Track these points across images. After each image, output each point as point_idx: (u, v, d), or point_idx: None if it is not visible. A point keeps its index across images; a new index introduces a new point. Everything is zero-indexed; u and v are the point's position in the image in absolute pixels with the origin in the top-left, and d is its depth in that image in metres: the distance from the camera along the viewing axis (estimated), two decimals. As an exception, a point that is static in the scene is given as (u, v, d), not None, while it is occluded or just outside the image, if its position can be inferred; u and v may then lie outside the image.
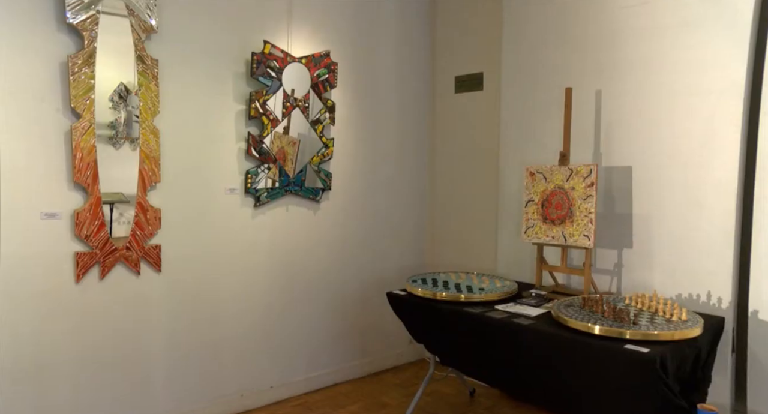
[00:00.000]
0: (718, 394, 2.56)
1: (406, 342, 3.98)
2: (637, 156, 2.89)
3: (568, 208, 2.86)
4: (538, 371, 2.46)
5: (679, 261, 2.74)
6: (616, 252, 2.98)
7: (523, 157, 3.38)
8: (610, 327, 2.24)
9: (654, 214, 2.83)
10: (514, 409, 3.25)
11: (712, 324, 2.43)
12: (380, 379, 3.75)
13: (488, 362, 2.69)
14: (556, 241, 2.89)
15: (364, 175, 3.76)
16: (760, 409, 2.49)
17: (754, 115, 2.53)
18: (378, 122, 3.83)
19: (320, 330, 3.56)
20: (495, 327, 2.52)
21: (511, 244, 3.48)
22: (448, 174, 4.09)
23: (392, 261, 3.96)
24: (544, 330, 2.38)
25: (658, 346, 2.13)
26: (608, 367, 2.18)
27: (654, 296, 2.55)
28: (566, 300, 2.66)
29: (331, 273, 3.60)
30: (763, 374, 2.48)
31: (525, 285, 3.16)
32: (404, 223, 4.03)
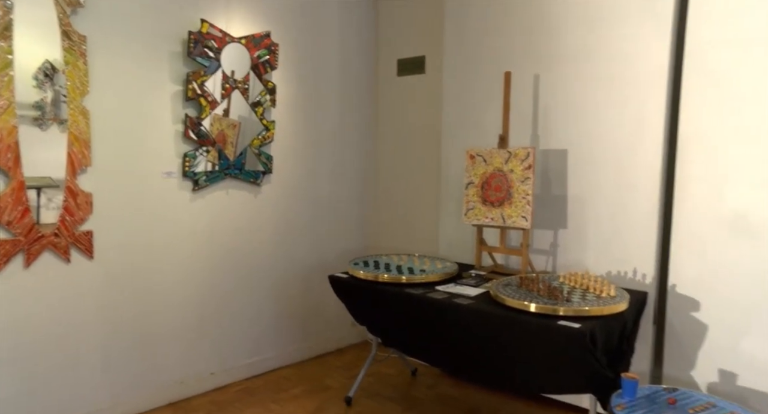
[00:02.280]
0: (640, 363, 2.72)
1: (349, 324, 4.01)
2: (573, 140, 3.00)
3: (506, 190, 2.94)
4: (477, 349, 2.54)
5: (609, 240, 2.87)
6: (552, 232, 3.09)
7: (465, 140, 3.44)
8: (545, 304, 2.33)
9: (587, 196, 2.95)
10: (455, 387, 3.35)
11: (637, 299, 2.58)
12: (323, 362, 3.77)
13: (429, 342, 2.75)
14: (495, 222, 2.98)
15: (306, 158, 3.73)
16: (674, 374, 2.67)
17: (675, 102, 2.67)
18: (320, 105, 3.79)
19: (262, 315, 3.53)
20: (435, 307, 2.58)
21: (452, 226, 3.55)
22: (390, 157, 4.11)
23: (335, 244, 3.96)
24: (482, 309, 2.46)
25: (589, 321, 2.24)
26: (543, 342, 2.28)
27: (586, 274, 2.67)
28: (504, 280, 2.74)
29: (272, 257, 3.57)
30: (678, 342, 2.65)
31: (465, 266, 3.23)
32: (347, 207, 4.03)
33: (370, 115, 4.16)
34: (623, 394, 2.20)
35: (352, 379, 3.21)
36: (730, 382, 2.51)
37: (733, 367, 2.51)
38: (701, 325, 2.59)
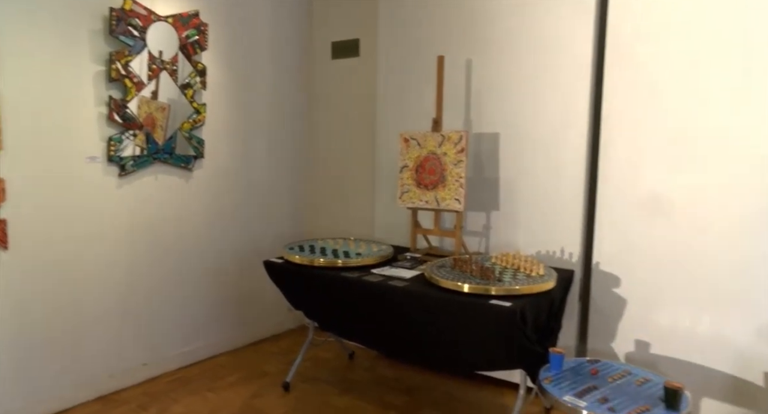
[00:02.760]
0: (567, 338, 2.86)
1: (285, 310, 3.96)
2: (504, 123, 3.07)
3: (440, 173, 2.98)
4: (413, 330, 2.59)
5: (538, 221, 2.98)
6: (484, 214, 3.18)
7: (399, 124, 3.46)
8: (478, 285, 2.40)
9: (518, 179, 3.04)
10: (392, 368, 3.41)
11: (564, 277, 2.70)
12: (260, 348, 3.73)
13: (366, 325, 2.78)
14: (430, 205, 3.02)
15: (239, 142, 3.65)
16: (597, 346, 2.82)
17: (598, 90, 2.79)
18: (253, 87, 3.71)
19: (195, 303, 3.45)
20: (371, 290, 2.60)
21: (387, 209, 3.58)
22: (325, 140, 4.08)
23: (269, 229, 3.91)
24: (417, 291, 2.50)
25: (519, 299, 2.33)
26: (476, 321, 2.35)
27: (517, 254, 2.76)
28: (439, 261, 2.80)
29: (205, 243, 3.49)
30: (601, 318, 2.80)
31: (401, 249, 3.28)
32: (281, 191, 3.98)
33: (305, 98, 4.10)
34: (550, 367, 2.30)
35: (290, 365, 3.20)
36: (645, 351, 2.69)
37: (647, 337, 2.68)
38: (621, 299, 2.74)
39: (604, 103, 2.75)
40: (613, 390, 2.12)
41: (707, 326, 2.52)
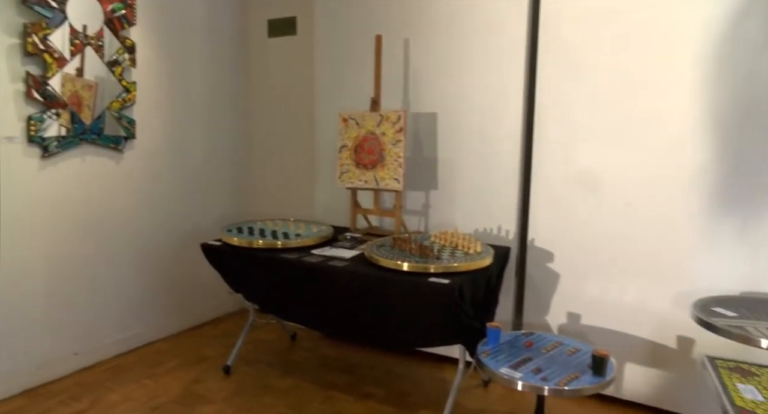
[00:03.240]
0: (503, 313, 2.95)
1: (225, 293, 3.90)
2: (442, 103, 3.09)
3: (379, 152, 2.98)
4: (354, 310, 2.60)
5: (476, 200, 3.04)
6: (423, 193, 3.21)
7: (338, 103, 3.43)
8: (417, 263, 2.43)
9: (456, 158, 3.08)
10: (334, 348, 3.42)
11: (500, 254, 2.77)
12: (200, 332, 3.66)
13: (306, 306, 2.77)
14: (369, 185, 3.02)
15: (174, 123, 3.52)
16: (532, 320, 2.93)
17: (533, 70, 2.85)
18: (187, 65, 3.57)
19: (130, 288, 3.34)
20: (311, 271, 2.59)
21: (327, 189, 3.56)
22: (264, 121, 3.99)
23: (207, 212, 3.81)
24: (357, 270, 2.51)
25: (457, 276, 2.38)
26: (416, 299, 2.38)
27: (455, 232, 2.81)
28: (378, 241, 2.81)
29: (140, 227, 3.36)
30: (536, 292, 2.91)
31: (341, 229, 3.27)
32: (219, 173, 3.88)
33: (242, 77, 3.99)
34: (488, 341, 2.38)
35: (231, 348, 3.16)
36: (576, 322, 2.81)
37: (578, 309, 2.80)
38: (554, 274, 2.85)
39: (537, 84, 2.82)
40: (546, 360, 2.21)
41: (632, 297, 2.67)
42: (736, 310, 2.16)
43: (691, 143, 2.48)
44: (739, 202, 2.41)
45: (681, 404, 2.61)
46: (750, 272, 2.41)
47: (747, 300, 2.29)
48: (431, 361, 3.22)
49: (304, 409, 2.68)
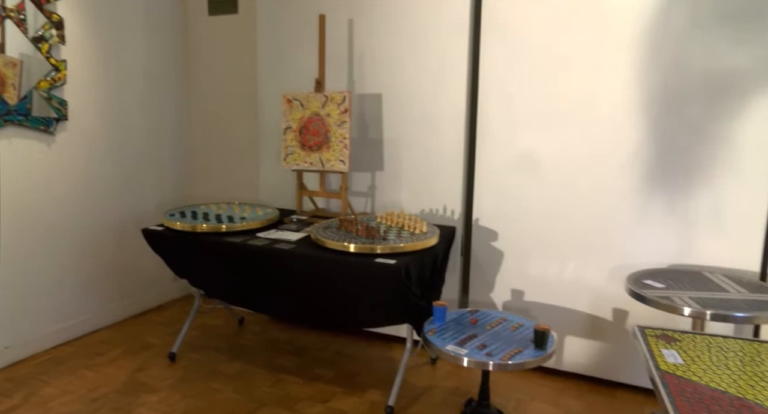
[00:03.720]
0: (450, 291, 3.01)
1: (170, 279, 3.83)
2: (386, 84, 3.09)
3: (324, 134, 2.96)
4: (302, 292, 2.59)
5: (421, 181, 3.07)
6: (369, 175, 3.21)
7: (281, 84, 3.37)
8: (363, 244, 2.44)
9: (401, 139, 3.09)
10: (283, 331, 3.41)
11: (446, 233, 2.81)
12: (144, 320, 3.57)
13: (253, 290, 2.74)
14: (314, 166, 3.00)
15: (109, 104, 3.37)
16: (478, 298, 3.01)
17: (475, 51, 2.87)
18: (122, 44, 3.41)
19: (67, 277, 3.21)
20: (256, 254, 2.56)
21: (272, 171, 3.50)
22: (205, 101, 3.88)
23: (149, 196, 3.69)
24: (303, 253, 2.50)
25: (404, 256, 2.40)
26: (363, 279, 2.39)
27: (401, 213, 2.83)
28: (325, 223, 2.80)
29: (76, 213, 3.22)
30: (481, 271, 2.98)
31: (287, 211, 3.24)
32: (160, 156, 3.76)
33: (181, 57, 3.85)
34: (434, 320, 2.42)
35: (176, 335, 3.10)
36: (519, 299, 2.90)
37: (522, 286, 2.89)
38: (499, 253, 2.92)
39: (481, 67, 2.85)
40: (490, 336, 2.28)
41: (571, 273, 2.77)
42: (665, 281, 2.28)
43: (625, 125, 2.57)
44: (667, 180, 2.53)
45: (616, 372, 2.75)
46: (677, 246, 2.54)
47: (674, 272, 2.42)
48: (379, 341, 3.25)
49: (253, 393, 2.67)
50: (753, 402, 1.31)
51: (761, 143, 2.37)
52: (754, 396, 1.33)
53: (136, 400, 2.60)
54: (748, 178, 2.40)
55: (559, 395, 2.70)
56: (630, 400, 2.66)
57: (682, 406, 1.28)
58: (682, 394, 1.33)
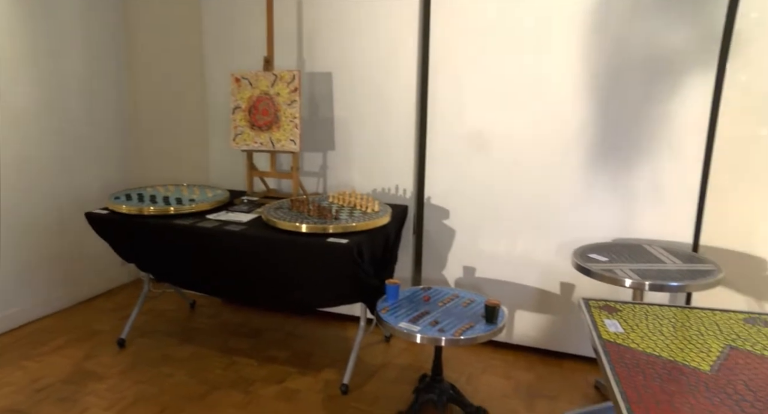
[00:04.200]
0: (403, 270, 3.04)
1: (117, 264, 3.72)
2: (336, 63, 3.05)
3: (274, 113, 2.91)
4: (254, 274, 2.57)
5: (373, 160, 3.06)
6: (321, 154, 3.18)
7: (229, 63, 3.28)
8: (315, 224, 2.43)
9: (352, 118, 3.07)
10: (236, 313, 3.38)
11: (398, 212, 2.83)
12: (90, 306, 3.46)
13: (204, 272, 2.70)
14: (265, 146, 2.95)
15: (43, 82, 3.20)
16: (431, 276, 3.05)
17: (426, 31, 2.87)
18: (53, 16, 3.23)
19: (6, 265, 3.07)
20: (207, 236, 2.51)
21: (222, 152, 3.43)
22: (149, 81, 3.74)
23: (91, 179, 3.55)
24: (255, 234, 2.47)
25: (356, 235, 2.41)
26: (315, 260, 2.39)
27: (353, 193, 2.83)
28: (276, 203, 2.77)
29: (11, 198, 3.07)
30: (433, 248, 3.02)
31: (237, 192, 3.19)
32: (102, 137, 3.61)
33: (122, 33, 3.69)
34: (387, 298, 2.44)
35: (125, 321, 3.03)
36: (471, 276, 2.96)
37: (473, 263, 2.94)
38: (450, 230, 2.96)
39: (431, 45, 2.85)
40: (442, 313, 2.31)
41: (520, 249, 2.84)
42: (608, 255, 2.37)
43: (571, 104, 2.63)
44: (611, 158, 2.61)
45: (564, 344, 2.85)
46: (620, 221, 2.64)
47: (617, 246, 2.52)
48: (334, 321, 3.27)
49: (206, 376, 2.64)
50: (682, 364, 1.38)
51: (695, 123, 2.47)
52: (683, 358, 1.41)
53: (83, 388, 2.53)
54: (683, 156, 2.50)
55: (510, 368, 2.78)
56: (576, 369, 2.77)
57: (621, 371, 1.34)
58: (621, 361, 1.39)
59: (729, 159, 2.51)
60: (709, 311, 1.70)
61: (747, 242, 2.54)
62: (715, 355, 1.42)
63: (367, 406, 2.43)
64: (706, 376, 1.32)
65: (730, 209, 2.55)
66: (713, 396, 1.24)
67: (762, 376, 1.33)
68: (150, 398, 2.45)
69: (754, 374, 1.34)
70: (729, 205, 2.55)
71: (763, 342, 1.51)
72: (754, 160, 2.49)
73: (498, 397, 2.52)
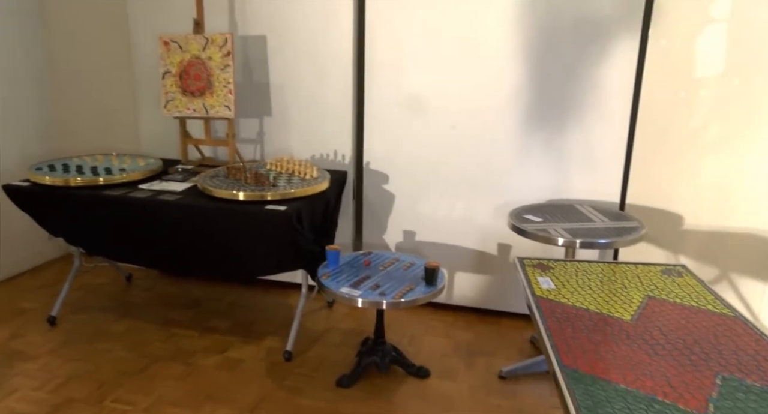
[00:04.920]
0: (344, 235, 3.04)
1: (44, 238, 3.53)
2: (270, 26, 2.95)
3: (206, 79, 2.80)
4: (191, 244, 2.51)
5: (311, 125, 3.02)
6: (257, 121, 3.10)
7: (157, 25, 3.11)
8: (253, 192, 2.39)
9: (288, 84, 3.00)
10: (174, 285, 3.30)
11: (337, 178, 2.81)
12: (15, 284, 3.30)
13: (139, 244, 2.61)
14: (198, 113, 2.85)
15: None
16: (372, 241, 3.07)
17: (363, -11, 2.82)
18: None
19: None
20: (139, 207, 2.42)
21: (153, 120, 3.28)
22: (71, 42, 3.51)
23: (9, 149, 3.33)
24: (191, 203, 2.40)
25: (294, 202, 2.38)
26: (254, 228, 2.35)
27: (291, 159, 2.79)
28: (212, 171, 2.70)
29: None
30: (373, 213, 3.03)
31: (171, 161, 3.08)
32: (21, 105, 3.37)
33: (35, -10, 3.43)
34: (328, 264, 2.45)
35: (55, 297, 2.90)
36: (411, 239, 3.00)
37: (413, 226, 2.98)
38: (390, 195, 2.98)
39: (366, 8, 2.79)
40: (383, 277, 2.34)
41: (459, 212, 2.89)
42: (542, 215, 2.45)
43: (506, 68, 2.66)
44: (545, 122, 2.67)
45: (502, 302, 2.96)
46: (554, 182, 2.73)
47: (551, 206, 2.61)
48: (275, 289, 3.25)
49: (145, 350, 2.59)
50: (607, 315, 1.46)
51: (622, 87, 2.56)
52: (608, 310, 1.49)
53: (10, 370, 2.42)
54: (611, 119, 2.60)
55: (450, 328, 2.86)
56: (514, 326, 2.88)
57: (552, 325, 1.41)
58: (553, 315, 1.46)
59: (651, 122, 2.63)
60: (632, 265, 1.80)
61: (667, 200, 2.70)
62: (635, 306, 1.51)
63: (310, 371, 2.46)
64: (627, 325, 1.41)
65: (653, 169, 2.68)
66: (632, 342, 1.32)
67: (674, 321, 1.43)
68: (85, 375, 2.38)
69: (667, 320, 1.43)
70: (652, 165, 2.68)
71: (677, 291, 1.62)
72: (673, 122, 2.61)
73: (439, 356, 2.60)
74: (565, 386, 1.14)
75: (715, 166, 2.62)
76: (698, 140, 2.62)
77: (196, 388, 2.31)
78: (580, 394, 1.12)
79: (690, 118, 2.61)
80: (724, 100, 2.54)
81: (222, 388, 2.32)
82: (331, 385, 2.36)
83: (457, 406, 2.24)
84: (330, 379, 2.39)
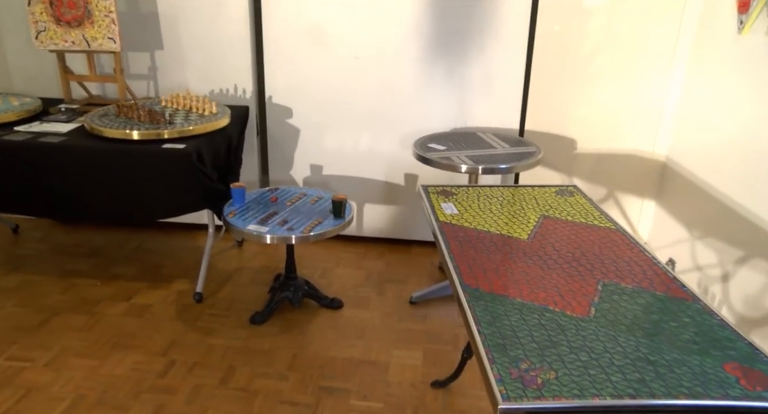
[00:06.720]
0: (250, 172, 2.97)
1: None
2: (152, -53, 2.70)
3: (83, 6, 2.53)
4: (84, 189, 2.34)
5: (207, 60, 2.84)
6: (148, 54, 2.88)
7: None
8: (148, 130, 2.25)
9: (180, 14, 2.78)
10: (71, 234, 3.10)
11: (239, 114, 2.70)
12: None
13: (22, 192, 2.40)
14: (78, 46, 2.59)
15: None
16: (279, 177, 3.03)
17: None
18: None
19: None
20: (17, 150, 2.22)
21: (24, 53, 2.95)
22: None
23: None
24: (79, 145, 2.24)
25: (194, 140, 2.28)
26: (152, 168, 2.24)
27: (187, 95, 2.63)
28: (101, 110, 2.51)
29: None
30: (279, 148, 2.97)
31: (52, 100, 2.81)
32: None
33: None
34: (233, 202, 2.39)
35: (-69, 255, 2.66)
36: (318, 173, 2.98)
37: (320, 160, 2.95)
38: (295, 129, 2.91)
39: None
40: (291, 212, 2.32)
41: (366, 143, 2.89)
42: (446, 144, 2.50)
43: None
44: (446, 50, 2.67)
45: (410, 232, 3.04)
46: (457, 110, 2.77)
47: (454, 135, 2.66)
48: (181, 231, 3.15)
49: (42, 303, 2.45)
50: (507, 235, 1.54)
51: (519, 14, 2.59)
52: (507, 231, 1.57)
53: None
54: (510, 47, 2.64)
55: (362, 259, 2.92)
56: (422, 253, 2.99)
57: (455, 247, 1.47)
58: (456, 239, 1.52)
59: (547, 49, 2.71)
60: (529, 188, 1.89)
61: (562, 125, 2.84)
62: (532, 225, 1.60)
63: (222, 311, 2.44)
64: (524, 243, 1.49)
65: (549, 96, 2.79)
66: (528, 259, 1.41)
67: (565, 237, 1.54)
68: (-24, 333, 2.23)
69: (559, 237, 1.54)
70: (548, 92, 2.78)
71: (568, 209, 1.73)
72: (567, 50, 2.71)
73: (351, 287, 2.66)
74: (466, 304, 1.21)
75: (605, 92, 2.76)
76: (589, 68, 2.74)
77: (103, 338, 2.24)
78: (480, 310, 1.19)
79: (581, 46, 2.71)
80: (612, 28, 2.65)
81: (130, 334, 2.26)
82: (244, 323, 2.36)
83: (369, 333, 2.32)
84: (243, 318, 2.39)
